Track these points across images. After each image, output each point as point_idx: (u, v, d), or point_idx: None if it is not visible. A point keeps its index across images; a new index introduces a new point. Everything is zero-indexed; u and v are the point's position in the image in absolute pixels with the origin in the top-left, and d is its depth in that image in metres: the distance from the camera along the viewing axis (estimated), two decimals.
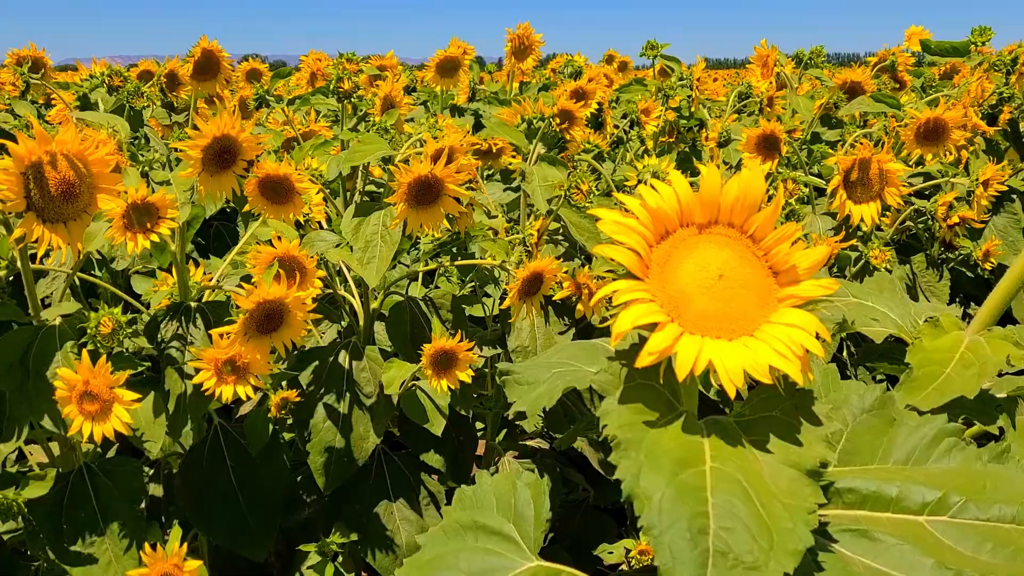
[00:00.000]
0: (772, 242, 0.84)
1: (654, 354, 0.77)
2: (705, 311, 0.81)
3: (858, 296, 1.31)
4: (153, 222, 1.43)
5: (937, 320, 1.13)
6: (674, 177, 0.85)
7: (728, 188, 0.84)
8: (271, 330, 1.49)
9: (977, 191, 2.06)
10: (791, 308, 0.82)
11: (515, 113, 2.16)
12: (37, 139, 1.33)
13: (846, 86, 3.41)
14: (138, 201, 1.39)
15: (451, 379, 1.70)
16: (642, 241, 0.83)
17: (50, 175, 1.35)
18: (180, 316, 1.63)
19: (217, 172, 1.55)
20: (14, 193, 1.31)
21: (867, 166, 2.06)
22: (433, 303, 1.97)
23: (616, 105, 4.14)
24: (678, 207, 0.85)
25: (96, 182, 1.42)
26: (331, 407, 1.81)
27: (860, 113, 3.48)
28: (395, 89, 2.69)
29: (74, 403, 1.38)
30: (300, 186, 1.65)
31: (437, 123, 2.05)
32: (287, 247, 1.58)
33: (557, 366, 1.05)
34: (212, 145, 1.51)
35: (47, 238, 1.36)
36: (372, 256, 1.75)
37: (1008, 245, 2.48)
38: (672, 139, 3.21)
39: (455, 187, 1.70)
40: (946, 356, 1.06)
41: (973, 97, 2.37)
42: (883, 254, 2.08)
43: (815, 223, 2.25)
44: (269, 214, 1.65)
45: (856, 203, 2.08)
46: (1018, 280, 1.07)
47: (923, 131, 2.13)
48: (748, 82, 3.47)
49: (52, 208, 1.37)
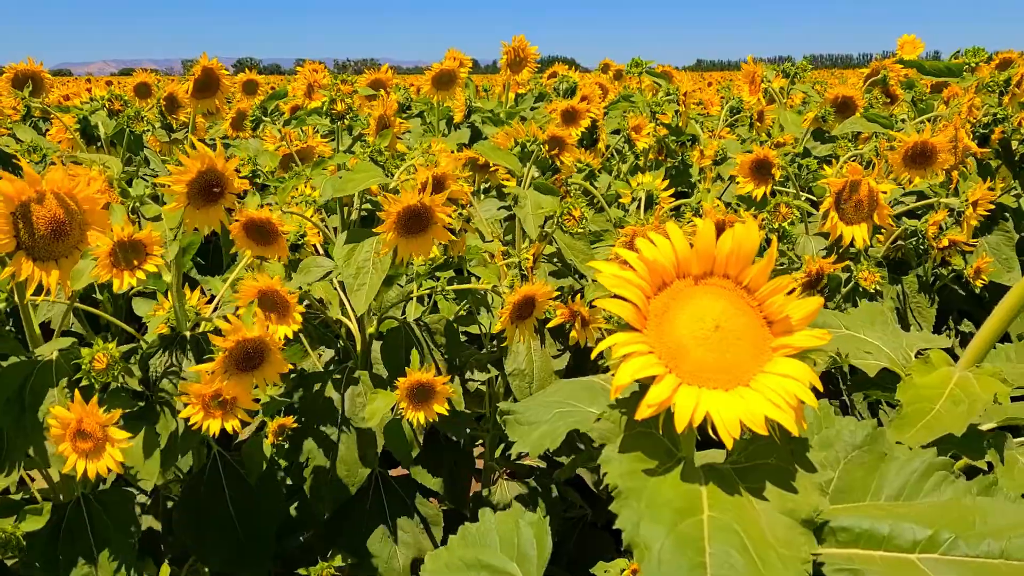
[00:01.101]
0: (767, 293, 0.85)
1: (653, 406, 0.78)
2: (702, 362, 0.82)
3: (851, 328, 1.32)
4: (140, 259, 1.43)
5: (927, 357, 1.15)
6: (671, 230, 0.87)
7: (723, 241, 0.86)
8: (252, 368, 1.50)
9: (966, 212, 2.08)
10: (785, 358, 0.83)
11: (509, 136, 2.17)
12: (26, 179, 1.33)
13: (837, 101, 3.44)
14: (124, 239, 1.40)
15: (428, 412, 1.70)
16: (640, 294, 0.84)
17: (39, 214, 1.35)
18: (173, 348, 1.63)
19: (203, 206, 1.55)
20: (3, 233, 1.31)
21: (858, 188, 2.08)
22: (428, 327, 1.98)
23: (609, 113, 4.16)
24: (675, 259, 0.86)
25: (86, 219, 1.41)
26: (326, 435, 1.82)
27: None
28: (389, 109, 2.71)
29: (68, 441, 1.39)
30: (282, 229, 1.66)
31: (430, 147, 2.07)
32: (269, 282, 1.59)
33: (558, 406, 1.06)
34: (197, 179, 1.51)
35: (37, 276, 1.35)
36: (362, 283, 1.76)
37: (1001, 263, 2.50)
38: (662, 156, 3.23)
39: (445, 216, 1.71)
40: (935, 393, 1.07)
41: (964, 118, 2.39)
42: (872, 276, 2.09)
43: (808, 244, 2.27)
44: (255, 254, 1.66)
45: (848, 224, 2.10)
46: (1005, 319, 1.08)
47: (911, 155, 2.15)
48: (740, 97, 3.50)
49: (42, 246, 1.36)
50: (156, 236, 1.43)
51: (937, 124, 2.36)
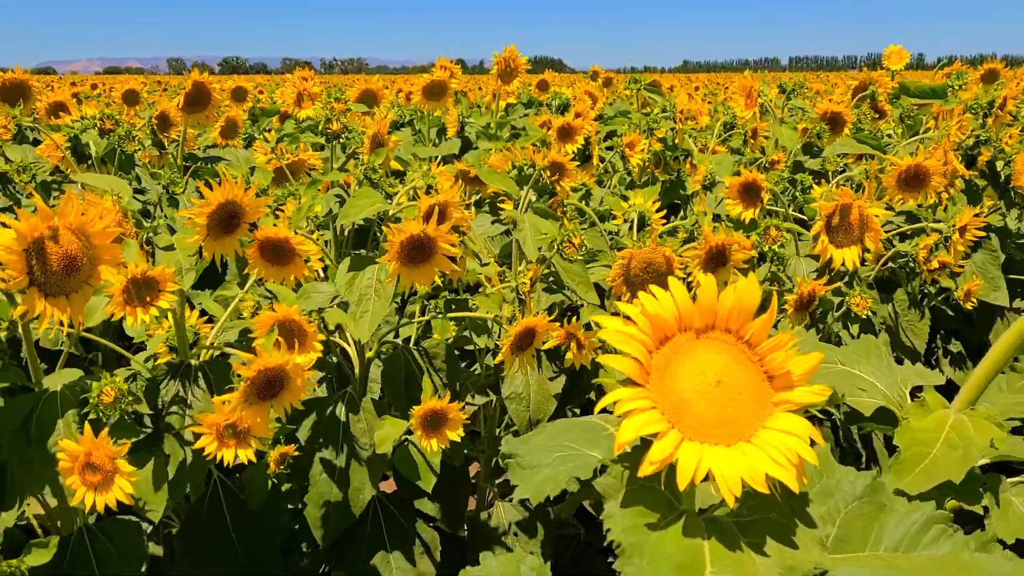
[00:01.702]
0: (768, 349, 0.87)
1: (656, 463, 0.80)
2: (704, 417, 0.84)
3: (846, 363, 1.35)
4: (153, 295, 1.45)
5: (923, 400, 1.17)
6: (673, 285, 0.89)
7: (724, 296, 0.88)
8: (271, 396, 1.51)
9: (954, 237, 2.11)
10: (786, 413, 0.86)
11: (505, 159, 2.19)
12: (40, 215, 1.34)
13: (827, 116, 3.47)
14: (138, 276, 1.42)
15: (441, 439, 1.72)
16: (643, 349, 0.86)
17: (52, 250, 1.36)
18: (180, 377, 1.65)
19: (221, 236, 1.57)
20: (16, 271, 1.32)
21: (848, 211, 2.11)
22: (427, 352, 2.00)
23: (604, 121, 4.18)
24: (677, 314, 0.88)
25: (98, 253, 1.43)
26: (328, 460, 1.84)
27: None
28: (382, 127, 2.72)
29: (76, 474, 1.40)
30: (300, 248, 1.68)
31: (430, 170, 2.08)
32: (287, 311, 1.60)
33: (559, 449, 1.08)
34: (217, 211, 1.53)
35: (49, 312, 1.36)
36: (365, 311, 1.78)
37: (988, 282, 2.54)
38: (658, 169, 3.25)
39: (448, 246, 1.73)
40: (932, 436, 1.10)
41: (952, 140, 2.42)
42: (864, 301, 2.12)
43: (799, 265, 2.30)
44: (270, 276, 1.67)
45: (838, 247, 2.13)
46: (997, 364, 1.11)
47: (905, 177, 2.18)
48: (733, 112, 3.53)
49: (54, 282, 1.38)
50: (169, 272, 1.45)
51: (927, 147, 2.39)
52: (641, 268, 2.08)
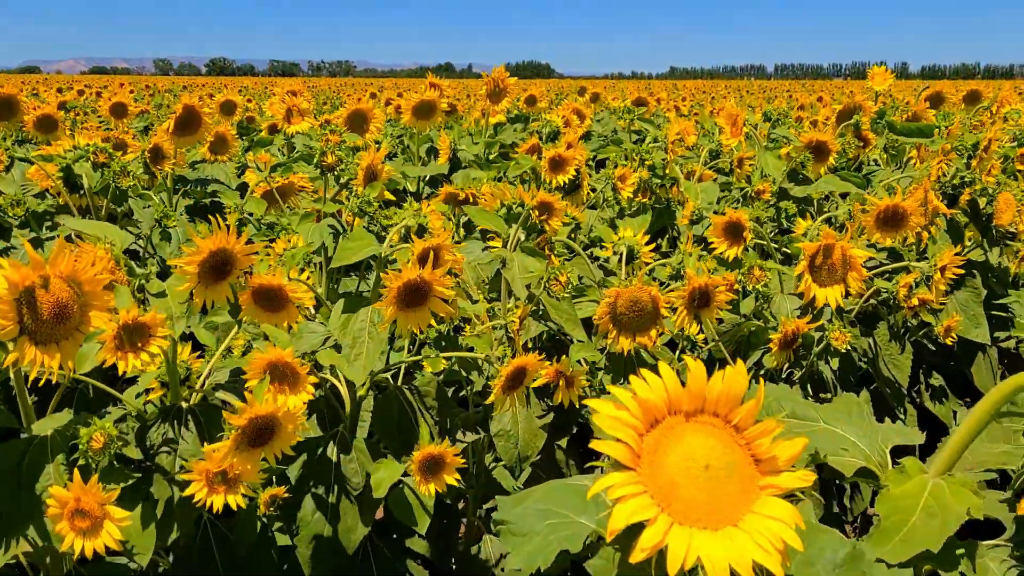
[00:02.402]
0: (755, 434, 0.90)
1: (647, 550, 0.83)
2: (693, 501, 0.87)
3: (829, 421, 1.38)
4: (144, 341, 1.46)
5: (903, 466, 1.21)
6: (664, 371, 0.91)
7: (713, 382, 0.91)
8: (263, 443, 1.53)
9: (935, 276, 2.15)
10: (772, 497, 0.88)
11: (495, 197, 2.21)
12: (31, 264, 1.35)
13: (812, 144, 3.52)
14: (129, 321, 1.43)
15: (439, 483, 1.75)
16: (634, 433, 0.89)
17: (43, 299, 1.37)
18: (171, 420, 1.66)
19: (212, 283, 1.59)
20: (7, 320, 1.33)
21: (831, 251, 2.15)
22: (418, 390, 2.02)
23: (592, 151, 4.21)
24: (667, 397, 0.91)
25: (89, 300, 1.44)
26: (320, 499, 1.85)
27: (825, 170, 3.59)
28: (376, 158, 2.74)
29: (66, 520, 1.41)
30: (294, 295, 1.69)
31: (421, 210, 2.10)
32: (280, 354, 1.61)
33: (550, 515, 1.10)
34: (209, 259, 1.55)
35: (39, 360, 1.37)
36: (359, 353, 1.80)
37: (969, 319, 2.58)
38: (647, 198, 3.29)
39: (444, 289, 1.75)
40: (911, 504, 1.13)
41: (934, 180, 2.47)
42: (843, 335, 2.16)
43: (783, 303, 2.34)
44: (263, 322, 1.68)
45: (821, 286, 2.16)
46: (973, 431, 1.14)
47: (883, 218, 2.22)
48: (719, 140, 3.57)
49: (44, 330, 1.38)
50: (160, 317, 1.46)
51: (909, 185, 2.43)
52: (627, 307, 2.11)
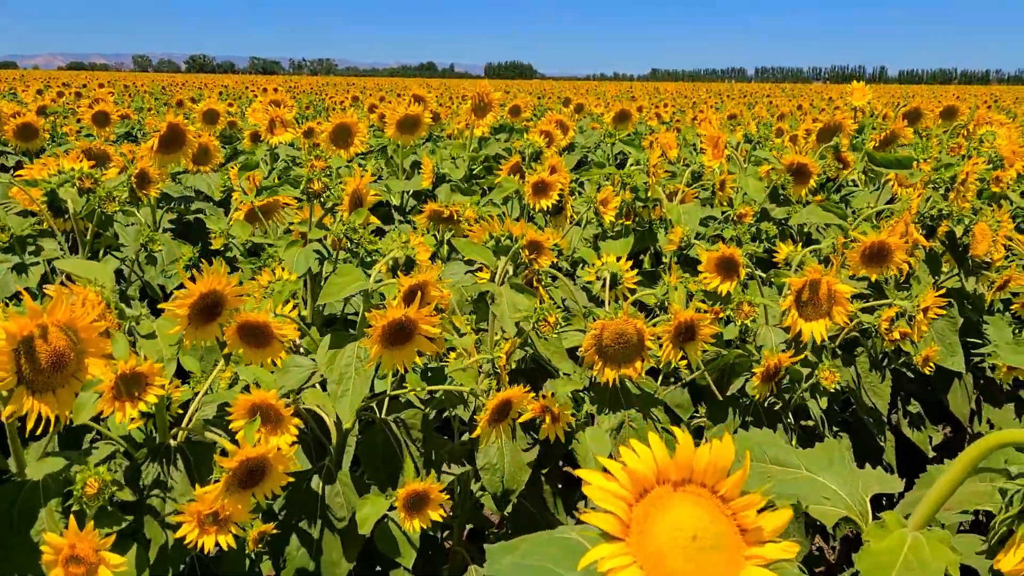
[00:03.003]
0: (740, 505, 0.93)
1: None
2: (680, 571, 0.89)
3: (811, 468, 1.42)
4: (141, 390, 1.47)
5: (883, 521, 1.24)
6: (653, 441, 0.94)
7: (700, 453, 0.93)
8: (253, 484, 1.54)
9: (918, 317, 2.19)
10: (757, 568, 0.91)
11: (483, 230, 2.23)
12: (29, 314, 1.36)
13: (793, 167, 3.56)
14: (127, 372, 1.44)
15: (423, 518, 1.76)
16: (623, 505, 0.91)
17: (41, 348, 1.38)
18: (160, 459, 1.67)
19: (203, 324, 1.60)
20: (5, 371, 1.34)
21: (817, 287, 2.19)
22: (405, 424, 2.03)
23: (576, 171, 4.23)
24: (656, 468, 0.94)
25: (85, 347, 1.45)
26: (304, 533, 1.86)
27: (807, 192, 3.63)
28: (362, 183, 2.75)
29: (60, 567, 1.42)
30: (279, 332, 1.70)
31: (408, 242, 2.12)
32: (264, 395, 1.63)
33: (537, 572, 1.12)
34: (199, 301, 1.56)
35: (36, 409, 1.38)
36: (346, 389, 1.81)
37: (946, 347, 2.63)
38: (630, 221, 3.32)
39: (429, 327, 1.77)
40: (890, 560, 1.16)
41: (914, 213, 2.51)
42: (832, 375, 2.20)
43: (768, 335, 2.37)
44: (248, 358, 1.70)
45: (807, 320, 2.20)
46: (950, 487, 1.17)
47: (868, 254, 2.26)
48: (700, 161, 3.61)
49: (41, 379, 1.39)
50: (157, 367, 1.47)
51: (890, 220, 2.47)
52: (613, 339, 2.13)
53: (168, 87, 22.01)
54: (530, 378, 2.61)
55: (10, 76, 35.66)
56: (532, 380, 2.62)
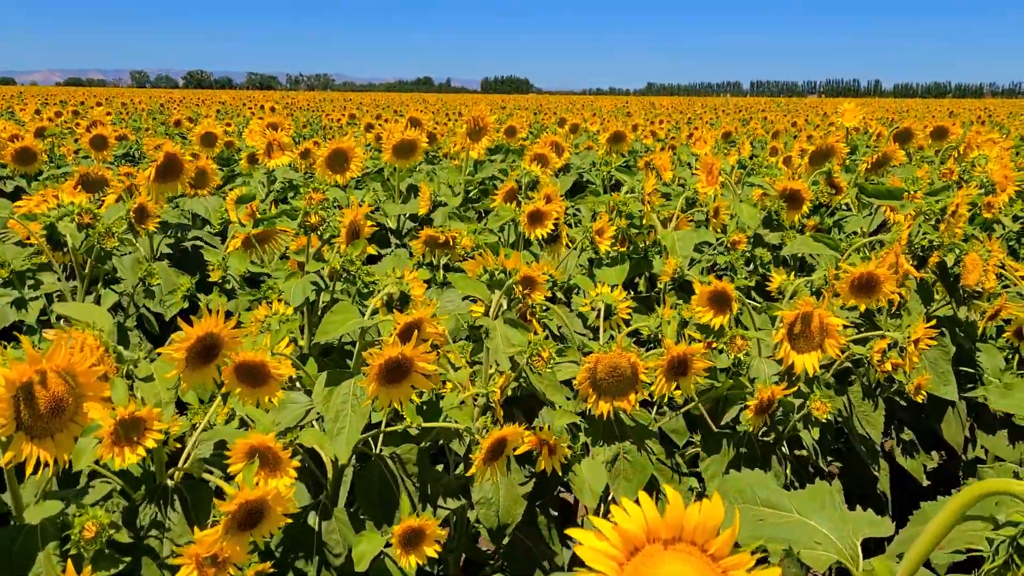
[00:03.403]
0: (731, 564, 0.94)
1: None
2: None
3: (802, 512, 1.43)
4: (140, 435, 1.48)
5: (873, 570, 1.25)
6: (643, 500, 0.96)
7: (690, 512, 0.95)
8: (252, 526, 1.55)
9: (909, 348, 2.21)
10: None
11: (478, 264, 2.25)
12: (28, 360, 1.37)
13: (786, 193, 3.59)
14: (126, 417, 1.45)
15: (419, 555, 1.77)
16: (614, 564, 0.93)
17: (40, 394, 1.39)
18: (158, 500, 1.68)
19: (200, 367, 1.61)
20: (4, 418, 1.35)
21: (809, 320, 2.21)
22: (400, 459, 2.05)
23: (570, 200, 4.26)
24: (646, 527, 0.95)
25: (83, 391, 1.46)
26: (301, 571, 1.87)
27: (799, 217, 3.66)
28: (359, 214, 2.77)
29: None
30: (276, 372, 1.72)
31: (403, 278, 2.13)
32: (262, 438, 1.64)
33: None
34: (196, 345, 1.57)
35: (35, 455, 1.39)
36: (342, 427, 1.83)
37: (938, 376, 2.65)
38: (625, 248, 3.34)
39: (426, 365, 1.78)
40: None
41: (904, 243, 2.54)
42: (823, 406, 2.22)
43: (761, 366, 2.39)
44: (245, 398, 1.71)
45: (799, 353, 2.22)
46: (938, 536, 1.19)
47: (857, 284, 2.28)
48: (695, 187, 3.63)
49: (40, 425, 1.40)
50: (156, 412, 1.49)
51: (880, 251, 2.50)
52: (607, 372, 2.15)
53: (166, 104, 22.07)
54: (525, 406, 2.62)
55: (8, 93, 35.76)
56: (527, 408, 2.64)
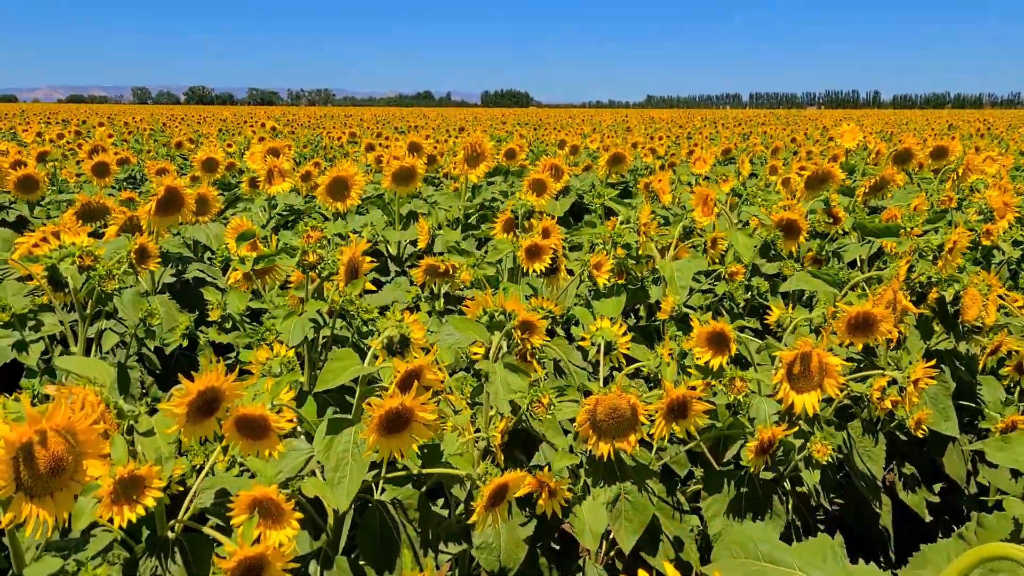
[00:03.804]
0: None
1: None
2: None
3: (804, 568, 1.43)
4: (140, 493, 1.49)
5: None
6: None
7: None
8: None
9: (908, 389, 2.22)
10: None
11: (477, 305, 2.26)
12: (28, 420, 1.37)
13: (783, 224, 3.60)
14: (125, 476, 1.46)
15: None
16: None
17: (40, 454, 1.39)
18: (158, 553, 1.68)
19: (200, 420, 1.62)
20: (4, 479, 1.34)
21: (808, 360, 2.21)
22: (402, 504, 2.05)
23: (569, 233, 4.27)
24: None
25: (83, 448, 1.45)
26: None
27: (795, 249, 3.67)
28: (357, 251, 2.77)
29: None
30: (276, 425, 1.72)
31: (403, 321, 2.13)
32: (265, 491, 1.63)
33: None
34: (196, 399, 1.58)
35: (34, 515, 1.39)
36: (343, 476, 1.83)
37: (939, 412, 2.65)
38: (623, 280, 3.34)
39: (426, 415, 1.78)
40: None
41: (902, 280, 2.54)
42: (824, 448, 2.22)
43: (761, 405, 2.39)
44: (245, 450, 1.71)
45: (798, 393, 2.23)
46: None
47: (854, 323, 2.29)
48: (692, 217, 3.65)
49: (40, 484, 1.40)
50: (155, 470, 1.49)
51: (879, 287, 2.50)
52: (607, 414, 2.15)
53: (168, 123, 22.12)
54: (525, 443, 2.62)
55: (11, 112, 35.92)
56: (527, 444, 2.64)
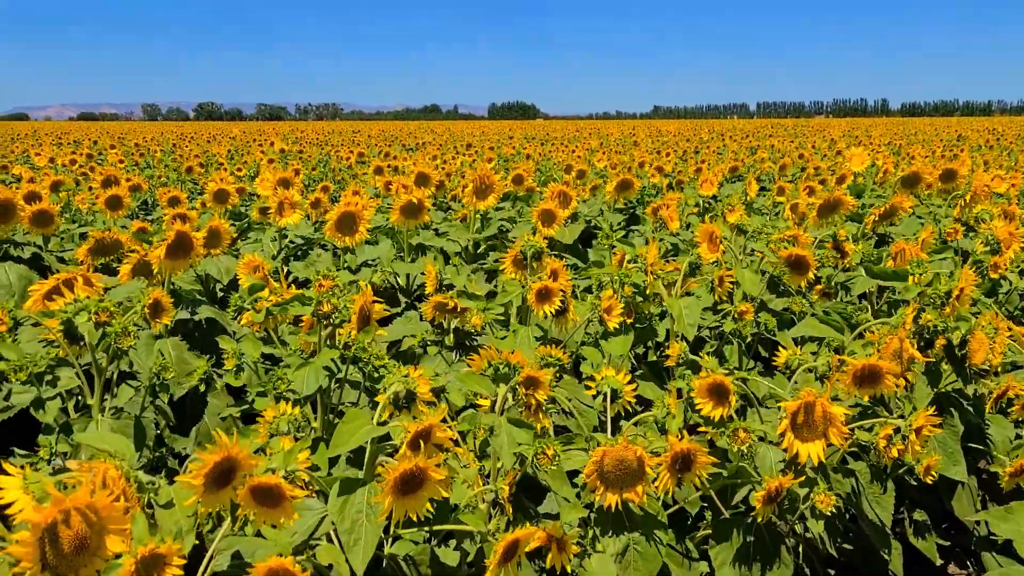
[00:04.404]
0: None
1: None
2: None
3: None
4: (160, 571, 1.52)
5: None
6: None
7: None
8: None
9: (911, 437, 2.24)
10: None
11: (483, 359, 2.30)
12: (52, 502, 1.42)
13: (791, 260, 3.63)
14: (147, 555, 1.49)
15: None
16: None
17: (64, 534, 1.43)
18: None
19: (217, 491, 1.66)
20: (31, 562, 1.39)
21: (812, 409, 2.24)
22: (414, 561, 2.08)
23: (577, 273, 4.30)
24: None
25: (105, 524, 1.50)
26: None
27: (803, 285, 3.69)
28: (367, 298, 2.82)
29: None
30: (291, 494, 1.76)
31: (409, 376, 2.16)
32: (280, 562, 1.66)
33: None
34: (213, 470, 1.62)
35: None
36: (358, 538, 1.86)
37: (948, 456, 2.66)
38: (631, 319, 3.38)
39: (439, 475, 1.82)
40: None
41: (909, 328, 2.57)
42: (828, 498, 2.24)
43: (767, 454, 2.41)
44: (259, 519, 1.74)
45: (803, 442, 2.25)
46: None
47: (860, 376, 2.32)
48: (698, 253, 3.68)
49: (64, 563, 1.45)
50: (176, 548, 1.53)
51: (885, 336, 2.53)
52: (614, 465, 2.18)
53: (178, 143, 22.34)
54: (533, 491, 2.66)
55: (23, 132, 36.26)
56: (535, 492, 2.67)
